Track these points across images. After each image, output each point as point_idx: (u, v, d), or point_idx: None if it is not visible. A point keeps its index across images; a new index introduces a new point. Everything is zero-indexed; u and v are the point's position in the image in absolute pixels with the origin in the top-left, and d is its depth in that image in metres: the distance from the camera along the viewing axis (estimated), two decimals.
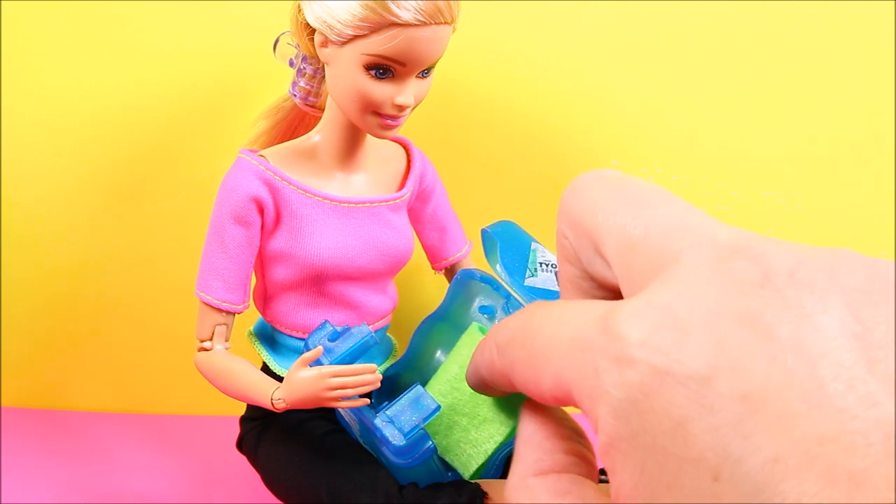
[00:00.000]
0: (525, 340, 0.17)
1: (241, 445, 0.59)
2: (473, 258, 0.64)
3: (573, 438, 0.20)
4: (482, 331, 0.59)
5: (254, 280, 0.58)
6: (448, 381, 0.58)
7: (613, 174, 0.18)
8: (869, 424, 0.12)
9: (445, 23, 0.48)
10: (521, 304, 0.58)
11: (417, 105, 0.51)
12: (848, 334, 0.13)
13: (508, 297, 0.59)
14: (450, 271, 0.63)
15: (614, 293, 0.19)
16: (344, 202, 0.54)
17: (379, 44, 0.47)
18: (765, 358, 0.13)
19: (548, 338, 0.16)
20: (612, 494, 0.15)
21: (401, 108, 0.50)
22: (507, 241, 0.56)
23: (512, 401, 0.57)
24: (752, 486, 0.13)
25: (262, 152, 0.54)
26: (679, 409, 0.13)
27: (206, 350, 0.54)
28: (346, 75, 0.49)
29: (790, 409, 0.13)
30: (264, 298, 0.57)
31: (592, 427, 0.15)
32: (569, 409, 0.21)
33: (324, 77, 0.53)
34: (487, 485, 0.52)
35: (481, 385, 0.21)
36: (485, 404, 0.57)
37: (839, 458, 0.12)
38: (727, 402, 0.13)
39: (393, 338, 0.62)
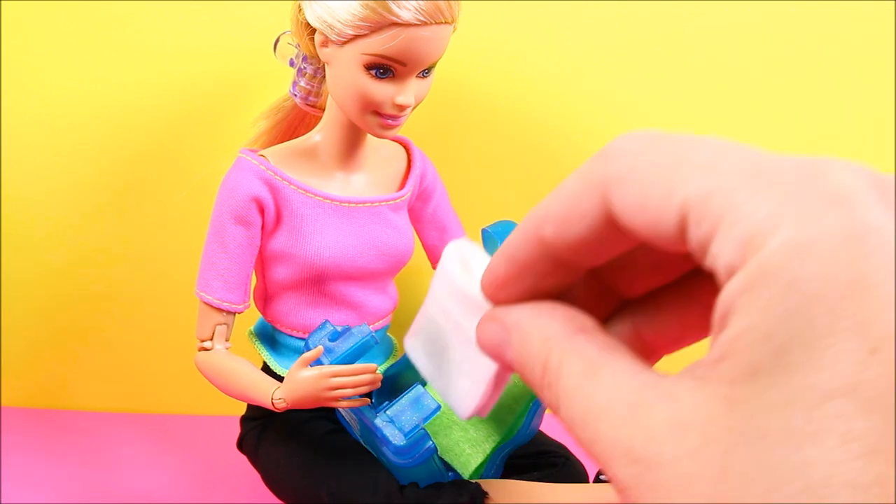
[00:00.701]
0: (673, 146, 0.15)
1: (242, 445, 0.59)
2: None
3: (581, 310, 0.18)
4: None
5: (254, 280, 0.58)
6: None
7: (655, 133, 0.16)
8: None
9: (446, 22, 0.48)
10: None
11: (418, 105, 0.51)
12: None
13: None
14: None
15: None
16: (344, 202, 0.54)
17: (379, 43, 0.47)
18: None
19: (715, 150, 0.14)
20: (724, 340, 0.13)
21: (401, 107, 0.50)
22: None
23: (510, 401, 0.57)
24: None
25: (263, 152, 0.54)
26: (869, 265, 0.12)
27: (206, 350, 0.54)
28: (346, 75, 0.49)
29: None
30: (265, 298, 0.57)
31: (732, 259, 0.13)
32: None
33: (324, 77, 0.53)
34: (488, 485, 0.52)
35: (523, 248, 0.18)
36: None
37: None
38: None
39: (393, 338, 0.62)
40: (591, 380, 0.15)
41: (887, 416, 0.11)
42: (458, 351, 0.51)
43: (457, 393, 0.52)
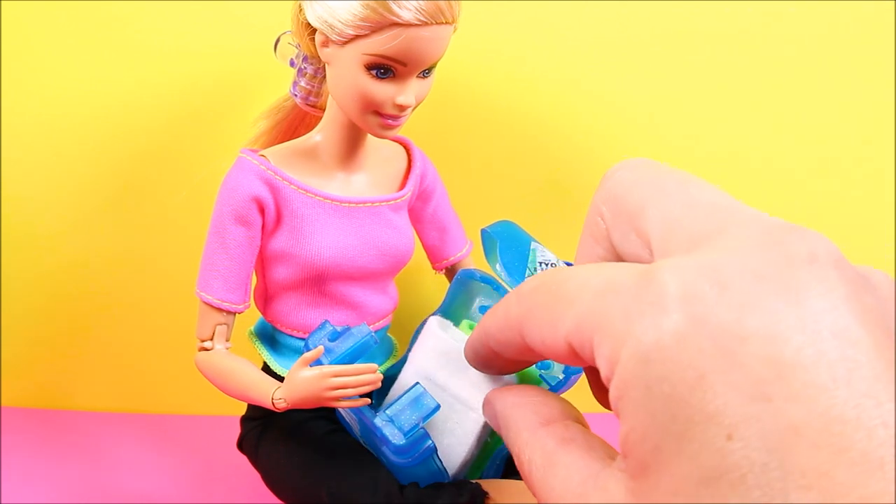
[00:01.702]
0: (552, 285, 0.17)
1: (242, 445, 0.59)
2: (473, 258, 0.64)
3: (555, 395, 0.21)
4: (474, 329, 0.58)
5: (254, 280, 0.58)
6: None
7: (653, 161, 0.19)
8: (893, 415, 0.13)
9: (446, 23, 0.48)
10: None
11: (418, 105, 0.51)
12: (878, 329, 0.14)
13: None
14: (450, 271, 0.63)
15: None
16: (345, 202, 0.54)
17: (380, 44, 0.47)
18: (801, 329, 0.13)
19: (579, 283, 0.17)
20: (620, 441, 0.15)
21: (402, 107, 0.50)
22: (506, 241, 0.56)
23: None
24: (765, 450, 0.13)
25: (263, 152, 0.54)
26: (706, 360, 0.14)
27: (206, 350, 0.54)
28: (347, 75, 0.49)
29: (817, 383, 0.13)
30: (265, 298, 0.57)
31: (606, 373, 0.15)
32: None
33: (325, 77, 0.53)
34: (488, 484, 0.52)
35: (482, 350, 0.21)
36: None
37: (860, 440, 0.12)
38: (756, 363, 0.13)
39: (393, 338, 0.62)
40: (550, 474, 0.18)
41: (755, 495, 0.13)
42: (441, 411, 0.52)
43: (441, 450, 0.52)
